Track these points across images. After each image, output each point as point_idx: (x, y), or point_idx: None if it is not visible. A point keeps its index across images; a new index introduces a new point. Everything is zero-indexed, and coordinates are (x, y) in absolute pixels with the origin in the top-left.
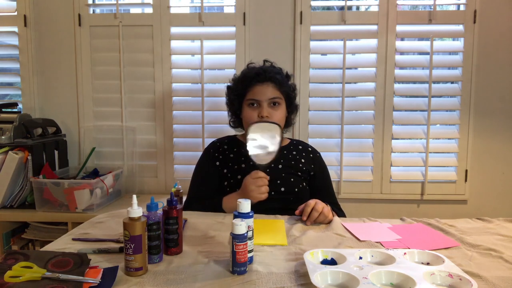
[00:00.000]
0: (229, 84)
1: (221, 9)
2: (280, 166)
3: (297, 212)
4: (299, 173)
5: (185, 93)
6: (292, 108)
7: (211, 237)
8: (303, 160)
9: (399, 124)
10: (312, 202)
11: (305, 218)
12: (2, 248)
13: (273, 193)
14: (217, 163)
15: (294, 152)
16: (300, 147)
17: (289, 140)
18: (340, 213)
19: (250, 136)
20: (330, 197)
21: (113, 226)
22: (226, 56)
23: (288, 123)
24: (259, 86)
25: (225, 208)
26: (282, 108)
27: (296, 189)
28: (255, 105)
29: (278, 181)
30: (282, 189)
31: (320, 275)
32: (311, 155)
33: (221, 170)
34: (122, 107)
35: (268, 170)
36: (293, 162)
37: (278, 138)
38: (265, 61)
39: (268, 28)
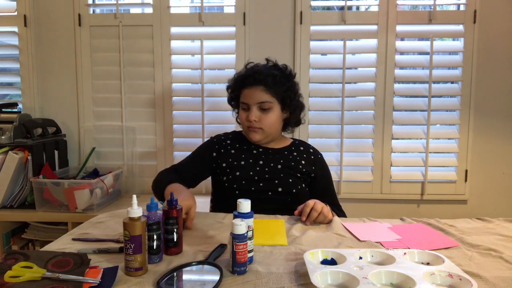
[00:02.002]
0: (228, 84)
1: (221, 9)
2: (279, 166)
3: (296, 212)
4: (298, 174)
5: (185, 93)
6: (291, 108)
7: (211, 237)
8: (303, 162)
9: (399, 124)
10: (311, 202)
11: (304, 219)
12: (2, 248)
13: (270, 193)
14: (214, 154)
15: (295, 153)
16: (302, 148)
17: (291, 140)
18: (341, 214)
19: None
20: (331, 198)
21: (113, 226)
22: (226, 56)
23: (293, 123)
24: (248, 89)
25: (166, 188)
26: (273, 111)
27: (294, 190)
28: (246, 108)
29: (276, 181)
30: (280, 189)
31: (320, 275)
32: (312, 157)
33: (219, 164)
34: (122, 107)
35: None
36: (293, 163)
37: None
38: (267, 60)
39: (268, 28)
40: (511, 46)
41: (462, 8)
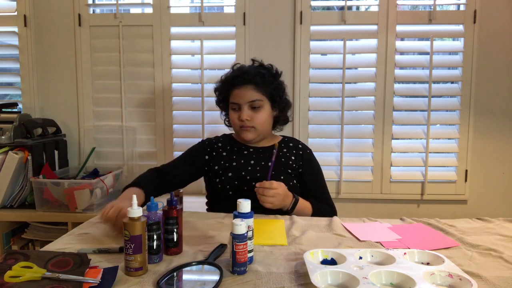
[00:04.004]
0: (215, 86)
1: (221, 9)
2: (270, 164)
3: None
4: (289, 170)
5: (185, 93)
6: (280, 106)
7: (211, 237)
8: (293, 157)
9: (399, 124)
10: (274, 184)
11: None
12: (2, 248)
13: None
14: (206, 157)
15: (285, 150)
16: (291, 144)
17: (280, 138)
18: (329, 209)
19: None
20: (321, 193)
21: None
22: (226, 56)
23: (281, 121)
24: (238, 89)
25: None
26: (264, 109)
27: (286, 187)
28: (237, 108)
29: (268, 179)
30: None
31: (320, 275)
32: (301, 152)
33: (211, 167)
34: (122, 107)
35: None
36: (283, 159)
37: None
38: (253, 60)
39: (268, 28)
40: (511, 46)
41: (462, 8)
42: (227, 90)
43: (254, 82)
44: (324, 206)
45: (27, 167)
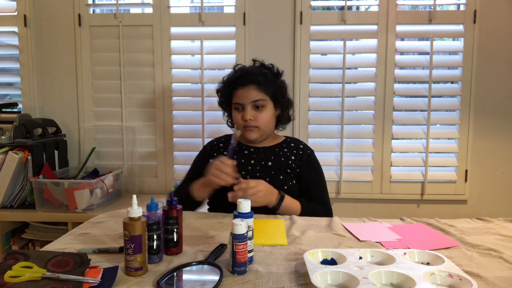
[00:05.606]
0: (217, 87)
1: (221, 9)
2: (269, 163)
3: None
4: (288, 170)
5: (185, 93)
6: (283, 105)
7: (211, 237)
8: (293, 157)
9: (399, 124)
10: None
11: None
12: (2, 248)
13: None
14: (211, 160)
15: (286, 150)
16: (293, 144)
17: (283, 138)
18: (322, 209)
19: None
20: (319, 194)
21: (113, 226)
22: (226, 56)
23: (284, 120)
24: (241, 89)
25: (191, 190)
26: (267, 109)
27: (286, 187)
28: (240, 108)
29: (268, 179)
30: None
31: (320, 275)
32: (301, 152)
33: None
34: (122, 107)
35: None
36: (282, 159)
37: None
38: (254, 60)
39: (268, 28)
40: (511, 46)
41: (462, 8)
42: (230, 90)
43: (257, 82)
44: (315, 206)
45: (27, 167)
